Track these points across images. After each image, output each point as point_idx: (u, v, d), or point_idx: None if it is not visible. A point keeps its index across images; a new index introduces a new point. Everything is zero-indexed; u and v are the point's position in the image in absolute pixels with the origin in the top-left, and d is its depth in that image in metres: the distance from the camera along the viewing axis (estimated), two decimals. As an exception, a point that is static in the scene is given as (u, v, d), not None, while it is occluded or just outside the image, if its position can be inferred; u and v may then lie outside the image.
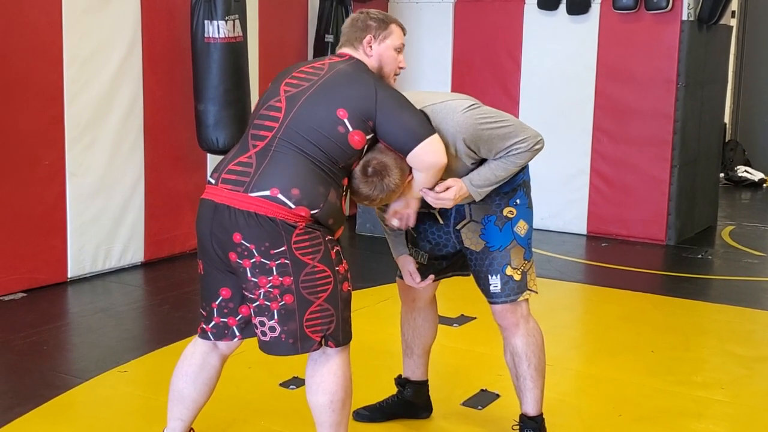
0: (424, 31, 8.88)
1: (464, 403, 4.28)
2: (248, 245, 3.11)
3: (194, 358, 3.44)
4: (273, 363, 4.73)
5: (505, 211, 3.61)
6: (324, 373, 3.25)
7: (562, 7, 8.11)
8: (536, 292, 3.70)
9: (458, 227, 3.69)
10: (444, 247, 3.78)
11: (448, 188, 3.42)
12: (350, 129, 3.14)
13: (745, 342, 5.38)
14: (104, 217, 6.45)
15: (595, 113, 8.08)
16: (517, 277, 3.61)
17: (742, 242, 8.19)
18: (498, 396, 4.33)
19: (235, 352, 4.85)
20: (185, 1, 6.67)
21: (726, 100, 9.81)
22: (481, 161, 3.48)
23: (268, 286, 3.13)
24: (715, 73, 8.51)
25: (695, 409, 4.32)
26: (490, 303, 3.67)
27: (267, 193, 3.08)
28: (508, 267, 3.61)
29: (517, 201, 3.63)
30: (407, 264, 3.80)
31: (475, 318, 5.46)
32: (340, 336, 3.24)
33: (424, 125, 3.23)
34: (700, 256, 7.62)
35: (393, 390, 4.10)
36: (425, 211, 3.78)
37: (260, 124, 3.23)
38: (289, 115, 3.18)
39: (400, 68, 3.43)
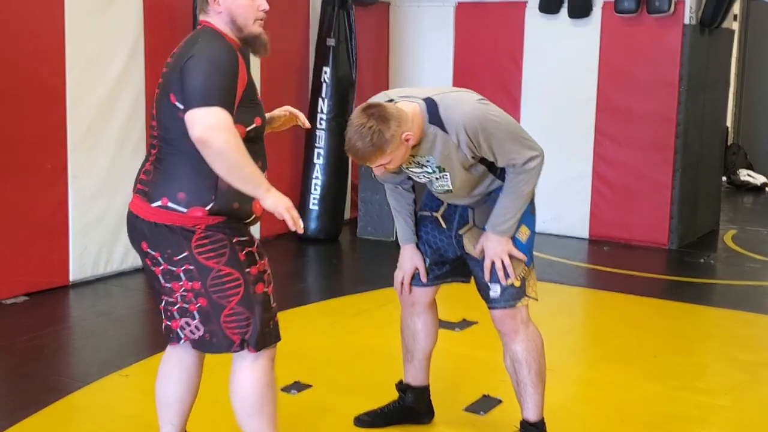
0: (426, 34, 8.89)
1: (466, 409, 4.27)
2: (154, 253, 3.11)
3: (171, 359, 3.41)
4: (275, 367, 4.73)
5: (508, 216, 3.61)
6: (238, 379, 3.19)
7: (564, 10, 8.11)
8: (536, 299, 3.68)
9: (461, 232, 3.68)
10: (445, 252, 3.77)
11: (492, 259, 3.52)
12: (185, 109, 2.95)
13: (747, 347, 5.37)
14: (106, 220, 6.45)
15: (597, 116, 8.07)
16: (516, 284, 3.60)
17: (745, 246, 8.18)
18: (500, 401, 4.32)
19: (237, 357, 4.86)
20: (187, 5, 6.67)
21: (728, 103, 9.80)
22: (481, 161, 3.47)
23: (181, 290, 3.12)
24: (717, 76, 8.50)
25: (698, 414, 4.31)
26: (490, 308, 3.66)
27: (159, 203, 3.04)
28: None
29: (521, 206, 3.62)
30: (413, 256, 3.78)
31: (477, 323, 5.45)
32: (258, 339, 3.14)
33: (213, 94, 2.88)
34: (702, 260, 7.61)
35: (395, 395, 4.09)
36: (428, 215, 3.78)
37: (151, 133, 3.16)
38: (158, 118, 3.08)
39: (262, 11, 3.13)
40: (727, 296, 6.64)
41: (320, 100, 7.86)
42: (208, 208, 3.02)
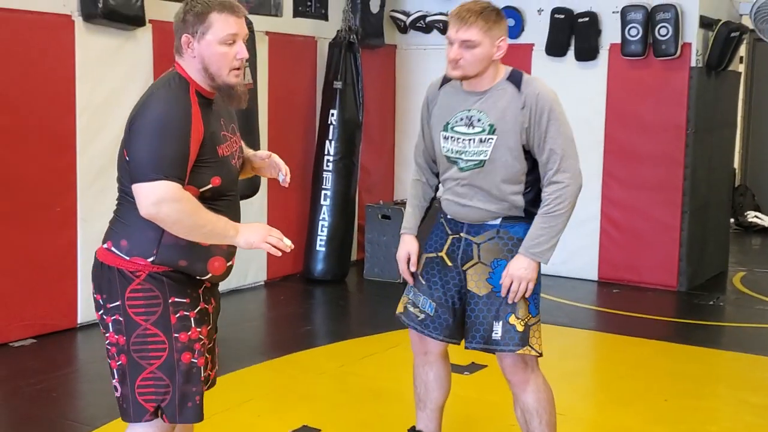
0: (432, 77, 8.82)
1: (476, 453, 4.24)
2: (95, 296, 3.01)
3: None
4: (282, 412, 4.72)
5: (516, 258, 3.57)
6: None
7: (571, 53, 8.14)
8: (539, 354, 3.59)
9: (464, 268, 3.64)
10: (449, 295, 3.67)
11: (511, 279, 3.48)
12: None
13: (758, 390, 5.32)
14: (114, 263, 6.44)
15: (604, 159, 8.08)
16: (519, 328, 3.55)
17: (754, 288, 8.14)
18: (510, 446, 4.29)
19: (243, 400, 4.86)
20: (197, 49, 6.71)
21: (735, 145, 9.81)
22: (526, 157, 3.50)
23: (107, 342, 2.98)
24: (725, 118, 8.52)
25: (709, 459, 4.27)
26: (496, 353, 3.61)
27: (105, 246, 2.97)
28: (513, 316, 3.55)
29: (528, 249, 3.58)
30: (407, 243, 3.79)
31: (486, 366, 5.41)
32: (176, 412, 2.92)
33: (157, 166, 2.76)
34: (711, 302, 7.58)
35: (404, 438, 4.06)
36: (434, 256, 3.73)
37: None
38: (117, 167, 2.98)
39: (240, 60, 2.92)
40: (737, 339, 6.60)
41: (327, 142, 7.89)
42: (150, 260, 2.90)
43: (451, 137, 3.59)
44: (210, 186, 2.91)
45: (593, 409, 5.07)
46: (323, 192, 7.89)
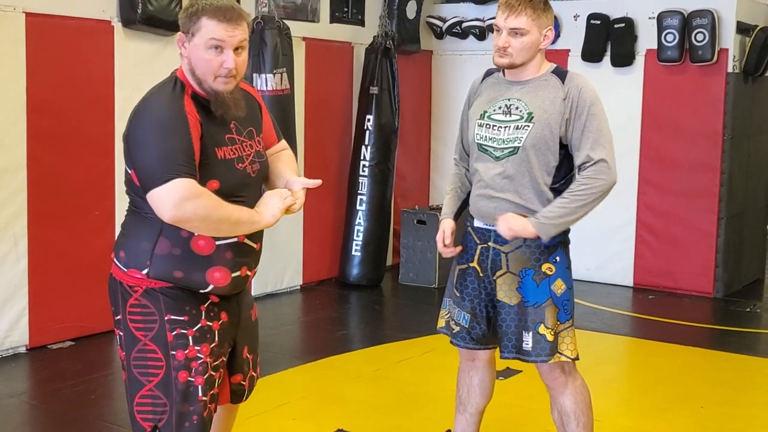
0: (468, 82, 8.85)
1: (511, 458, 4.23)
2: (111, 305, 2.98)
3: None
4: (318, 415, 4.75)
5: (544, 267, 3.56)
6: None
7: (606, 58, 8.12)
8: (571, 359, 3.58)
9: (494, 277, 3.62)
10: (483, 305, 3.68)
11: (504, 223, 3.47)
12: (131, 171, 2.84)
13: (796, 398, 5.29)
14: (152, 267, 6.49)
15: (640, 165, 8.04)
16: (549, 338, 3.54)
17: (791, 295, 8.08)
18: (545, 451, 4.28)
19: (279, 403, 4.89)
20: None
21: (773, 151, 9.72)
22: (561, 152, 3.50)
23: (118, 355, 2.98)
24: (762, 124, 8.45)
25: (747, 467, 4.24)
26: (527, 362, 3.61)
27: (112, 256, 2.95)
28: (542, 325, 3.54)
29: (557, 258, 3.57)
30: (443, 224, 3.78)
31: (521, 371, 5.40)
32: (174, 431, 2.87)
33: (164, 167, 2.67)
34: (748, 309, 7.52)
35: (439, 444, 4.06)
36: (466, 267, 3.72)
37: None
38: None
39: (227, 69, 2.82)
40: (775, 346, 6.56)
41: (363, 147, 7.92)
42: (144, 272, 2.84)
43: (486, 125, 3.60)
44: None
45: (629, 415, 5.04)
46: (359, 197, 7.92)
